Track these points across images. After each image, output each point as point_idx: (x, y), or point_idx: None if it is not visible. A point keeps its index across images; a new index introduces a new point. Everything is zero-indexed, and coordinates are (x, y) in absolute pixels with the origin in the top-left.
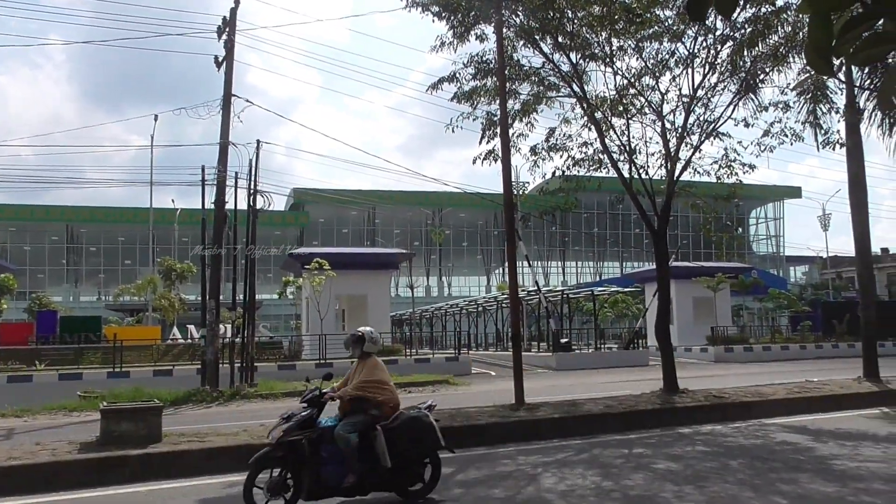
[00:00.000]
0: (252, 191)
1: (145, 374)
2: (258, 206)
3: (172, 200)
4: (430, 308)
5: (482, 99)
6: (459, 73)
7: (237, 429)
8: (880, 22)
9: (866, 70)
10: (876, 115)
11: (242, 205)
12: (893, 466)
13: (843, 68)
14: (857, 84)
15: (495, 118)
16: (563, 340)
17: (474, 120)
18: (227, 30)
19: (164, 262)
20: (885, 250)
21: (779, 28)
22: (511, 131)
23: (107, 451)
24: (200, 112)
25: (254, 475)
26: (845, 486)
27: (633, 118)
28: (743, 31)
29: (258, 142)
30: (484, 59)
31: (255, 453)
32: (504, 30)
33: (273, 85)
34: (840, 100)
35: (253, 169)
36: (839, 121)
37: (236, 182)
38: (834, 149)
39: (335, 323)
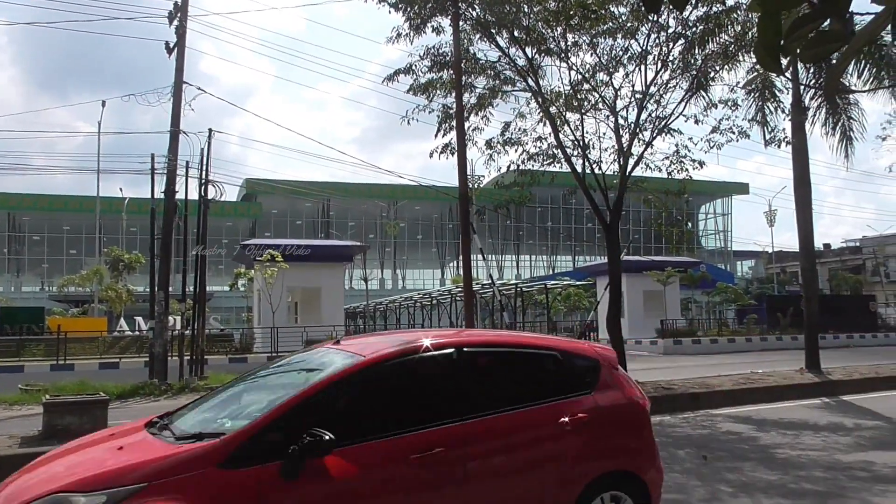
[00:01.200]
0: (203, 180)
1: (91, 366)
2: (210, 197)
3: (120, 189)
4: (384, 301)
5: (438, 92)
6: (416, 66)
7: None
8: (827, 21)
9: (811, 70)
10: (820, 114)
11: (193, 195)
12: (832, 454)
13: (790, 68)
14: (804, 83)
15: (451, 111)
16: None
17: (430, 112)
18: (179, 15)
19: (112, 253)
20: (827, 246)
21: (729, 27)
22: (467, 125)
23: (49, 446)
24: (150, 99)
25: None
26: (787, 474)
27: (587, 113)
28: (695, 29)
29: (210, 130)
30: (440, 51)
31: None
32: (461, 23)
33: (226, 73)
34: (787, 99)
35: (205, 158)
36: (785, 119)
37: (187, 171)
38: (780, 146)
39: (287, 316)
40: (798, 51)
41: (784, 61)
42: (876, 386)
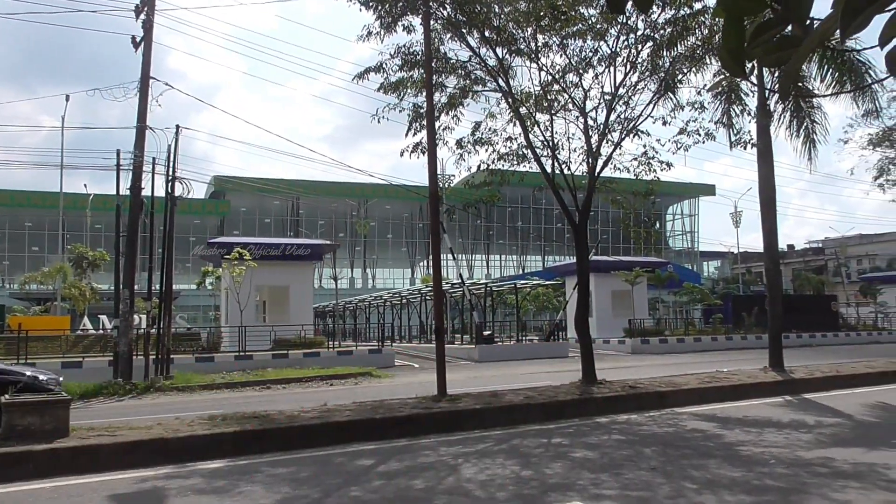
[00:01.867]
0: (170, 177)
1: (53, 365)
2: (177, 194)
3: (85, 185)
4: (353, 300)
5: (409, 90)
6: (386, 64)
7: (151, 422)
8: (789, 27)
9: (777, 75)
10: (785, 117)
11: (160, 192)
12: (794, 451)
13: (756, 72)
14: (769, 87)
15: (422, 110)
16: (486, 333)
17: (401, 111)
18: (146, 9)
19: (76, 250)
20: (791, 247)
21: (696, 30)
22: (438, 124)
23: (9, 447)
24: (116, 94)
25: None
26: (750, 471)
27: (557, 114)
28: (663, 32)
29: (177, 127)
30: (411, 50)
31: (169, 447)
32: (431, 22)
33: (195, 69)
34: (752, 102)
35: (172, 154)
36: (751, 122)
37: (153, 168)
38: (746, 148)
39: (255, 315)
40: (761, 55)
41: (748, 65)
42: (837, 384)
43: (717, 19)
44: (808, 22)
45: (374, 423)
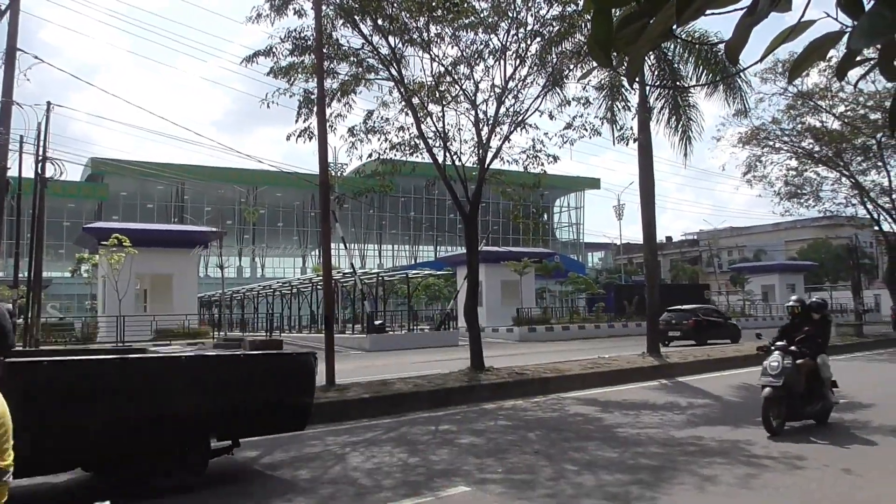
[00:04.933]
0: (40, 157)
1: None
2: (48, 175)
3: None
4: (241, 289)
5: (300, 76)
6: (276, 48)
7: None
8: (652, 20)
9: (657, 72)
10: (664, 114)
11: (29, 173)
12: (668, 431)
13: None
14: (649, 83)
15: (313, 96)
16: (378, 322)
17: (292, 97)
18: None
19: None
20: (669, 238)
21: (583, 27)
22: (329, 111)
23: None
24: None
25: None
26: (627, 451)
27: (449, 105)
28: (551, 27)
29: (49, 104)
30: (302, 35)
31: None
32: (323, 7)
33: (73, 45)
34: (635, 99)
35: (42, 133)
36: (633, 119)
37: (21, 147)
38: (628, 144)
39: (136, 304)
40: (624, 46)
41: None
42: (708, 368)
43: None
44: None
45: None
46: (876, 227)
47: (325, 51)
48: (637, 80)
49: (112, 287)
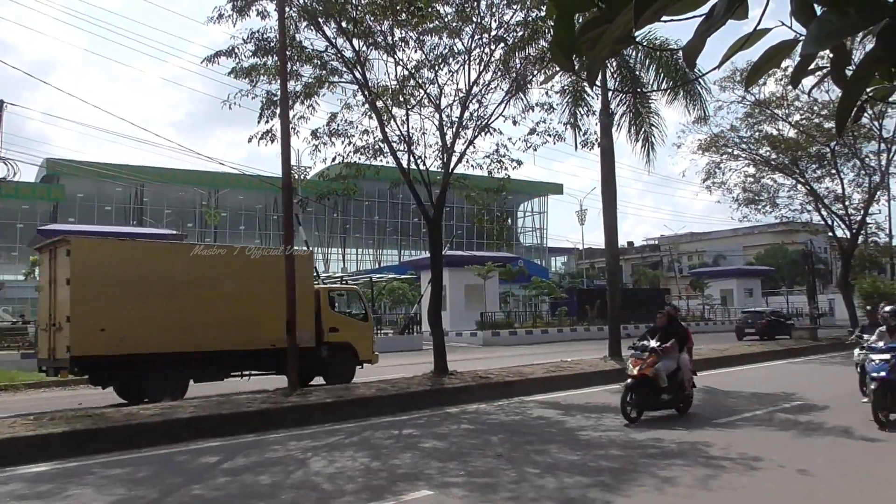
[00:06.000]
0: None
1: None
2: (1, 175)
3: None
4: None
5: (263, 77)
6: (239, 49)
7: None
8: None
9: (618, 79)
10: (626, 119)
11: None
12: (628, 434)
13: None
14: (611, 88)
15: (276, 98)
16: None
17: (254, 98)
18: None
19: None
20: (630, 243)
21: (546, 33)
22: (292, 113)
23: None
24: None
25: None
26: (588, 454)
27: (413, 109)
28: (515, 33)
29: (1, 102)
30: (265, 36)
31: None
32: (287, 8)
33: (28, 43)
34: (597, 105)
35: None
36: (596, 124)
37: None
38: (591, 149)
39: None
40: (585, 50)
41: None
42: None
43: None
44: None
45: (221, 419)
46: (830, 233)
47: (288, 53)
48: (599, 85)
49: None
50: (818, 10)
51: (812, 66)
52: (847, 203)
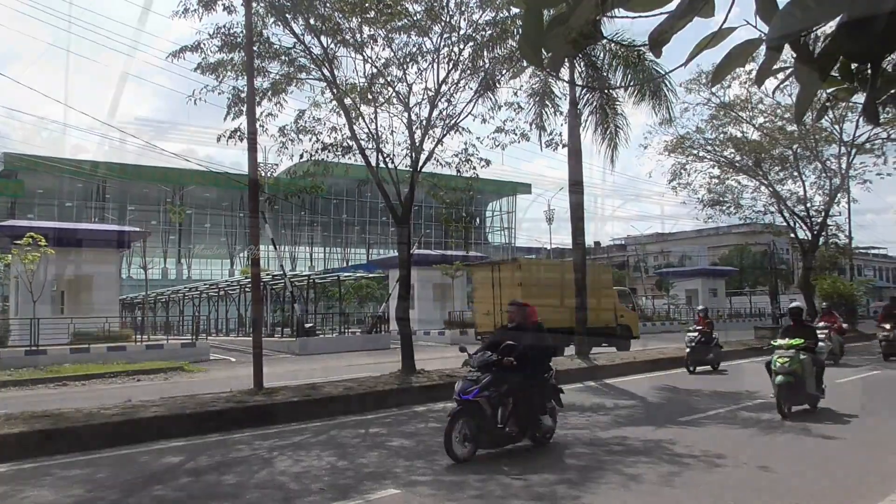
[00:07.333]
0: None
1: None
2: None
3: None
4: (167, 291)
5: (229, 73)
6: (205, 44)
7: None
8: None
9: (586, 78)
10: (592, 119)
11: None
12: (594, 432)
13: (569, 73)
14: (579, 86)
15: (243, 94)
16: (308, 325)
17: (220, 94)
18: None
19: None
20: (597, 243)
21: (515, 33)
22: (259, 110)
23: None
24: None
25: None
26: (554, 452)
27: (382, 107)
28: (484, 33)
29: None
30: (232, 31)
31: None
32: (254, 4)
33: None
34: (565, 105)
35: None
36: (563, 125)
37: None
38: (556, 149)
39: (52, 306)
40: (555, 46)
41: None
42: (634, 370)
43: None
44: (598, 17)
45: (184, 418)
46: (792, 235)
47: (255, 49)
48: (567, 83)
49: (26, 288)
50: (781, 6)
51: (776, 67)
52: (808, 205)
